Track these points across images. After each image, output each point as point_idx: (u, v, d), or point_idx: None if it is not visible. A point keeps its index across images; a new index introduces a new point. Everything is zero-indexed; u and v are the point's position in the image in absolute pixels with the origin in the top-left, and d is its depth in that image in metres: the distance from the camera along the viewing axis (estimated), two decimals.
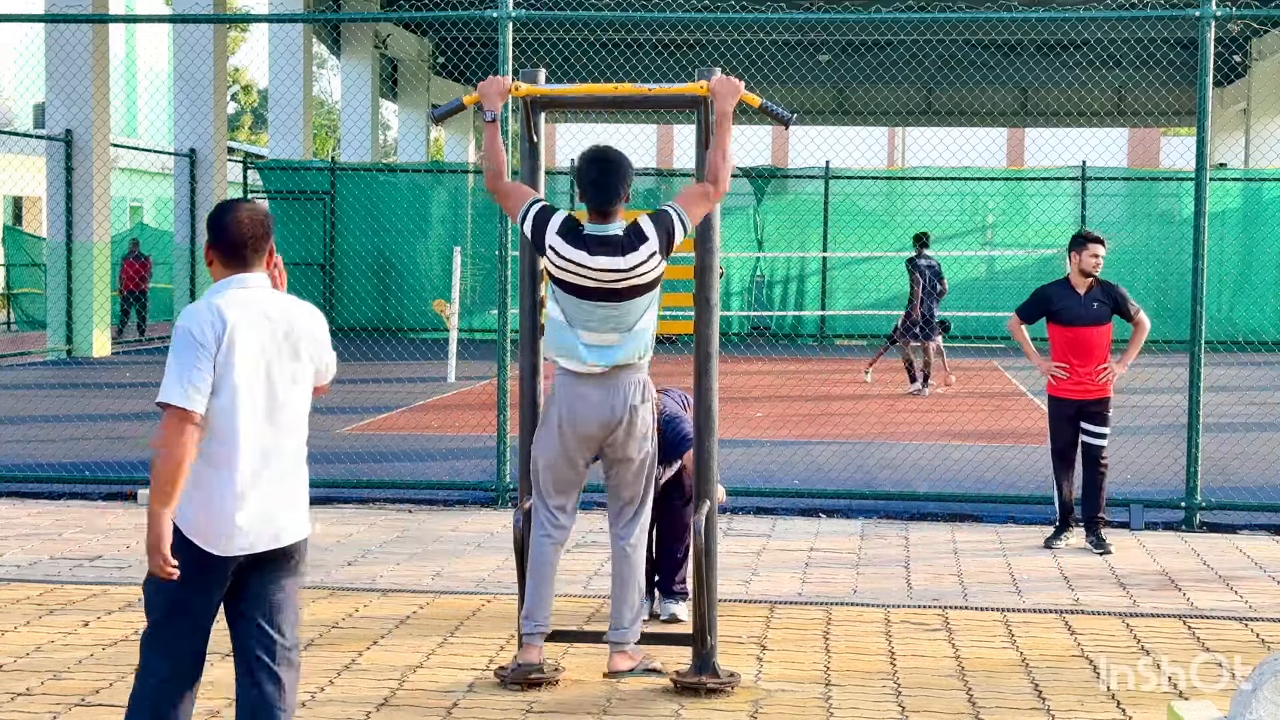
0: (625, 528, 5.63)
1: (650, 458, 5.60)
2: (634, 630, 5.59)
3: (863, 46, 32.66)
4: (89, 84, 20.68)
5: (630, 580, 5.59)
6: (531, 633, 5.56)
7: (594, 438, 5.48)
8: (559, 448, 5.50)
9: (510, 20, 9.22)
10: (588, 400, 5.42)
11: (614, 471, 5.59)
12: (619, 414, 5.43)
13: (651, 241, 5.36)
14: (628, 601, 5.58)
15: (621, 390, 5.43)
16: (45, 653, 6.04)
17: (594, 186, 5.42)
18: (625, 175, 5.45)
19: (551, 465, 5.54)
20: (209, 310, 4.06)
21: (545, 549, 5.59)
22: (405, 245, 25.86)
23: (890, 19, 9.81)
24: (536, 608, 5.57)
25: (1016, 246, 25.13)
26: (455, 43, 32.89)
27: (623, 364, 5.41)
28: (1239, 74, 33.06)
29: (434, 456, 11.31)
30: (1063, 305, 8.44)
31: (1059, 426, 8.48)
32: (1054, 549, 8.37)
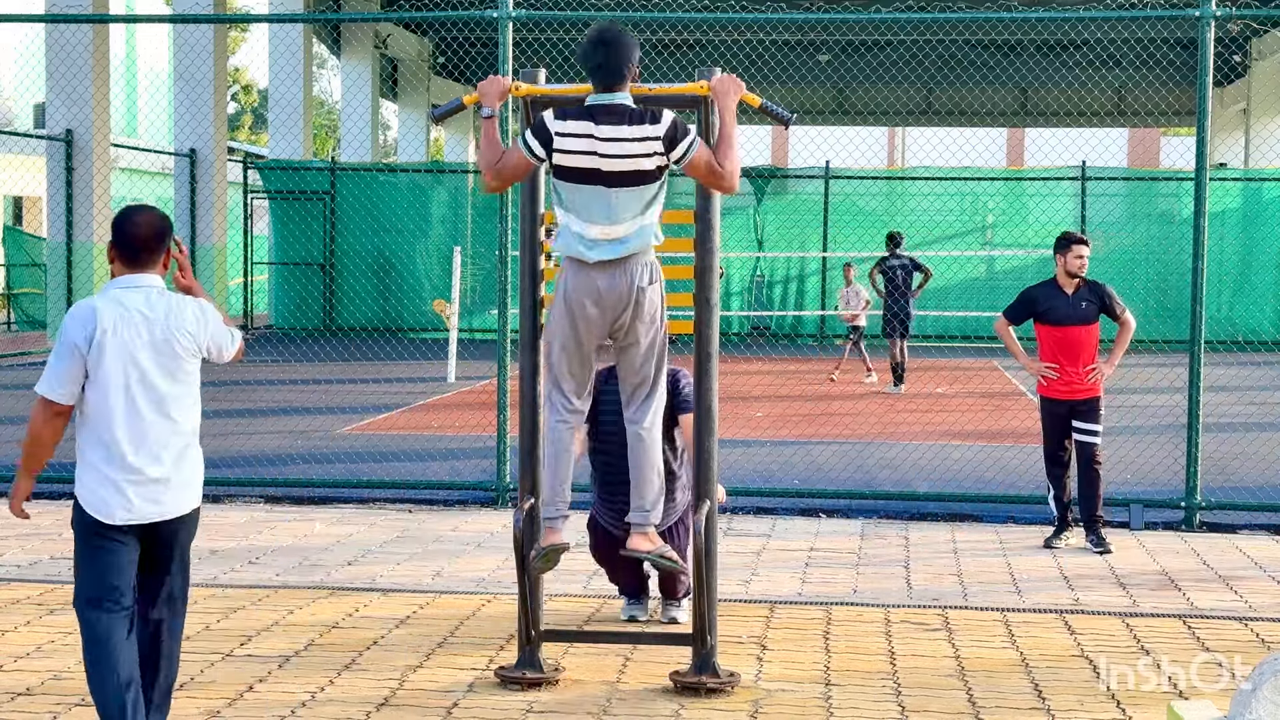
0: (638, 411, 5.62)
1: (659, 340, 5.57)
2: (655, 513, 5.60)
3: (863, 46, 32.67)
4: (89, 84, 20.68)
5: (647, 463, 5.60)
6: (553, 517, 5.58)
7: (601, 319, 5.46)
8: (569, 329, 5.49)
9: (510, 20, 9.22)
10: (594, 282, 5.40)
11: (623, 356, 5.58)
12: (626, 296, 5.41)
13: (662, 126, 5.32)
14: (647, 482, 5.60)
15: (628, 272, 5.41)
16: (45, 653, 6.04)
17: (599, 69, 5.39)
18: (631, 53, 5.41)
19: (561, 350, 5.54)
20: (87, 312, 4.68)
21: (561, 433, 5.61)
22: (405, 245, 25.87)
23: (890, 19, 9.81)
24: (556, 493, 5.60)
25: (1016, 246, 25.13)
26: (455, 43, 32.89)
27: (631, 253, 5.40)
28: (1239, 74, 33.07)
29: (434, 456, 11.31)
30: (1050, 306, 8.47)
31: (1050, 427, 8.51)
32: (1054, 549, 8.38)
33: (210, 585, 7.30)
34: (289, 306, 25.96)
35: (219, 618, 6.63)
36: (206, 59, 23.64)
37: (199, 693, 5.52)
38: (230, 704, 5.40)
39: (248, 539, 8.50)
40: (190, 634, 6.33)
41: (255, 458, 11.32)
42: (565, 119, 5.39)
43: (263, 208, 28.05)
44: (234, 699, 5.46)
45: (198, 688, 5.58)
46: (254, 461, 11.10)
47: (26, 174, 29.03)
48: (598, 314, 5.44)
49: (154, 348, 4.69)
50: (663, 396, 5.71)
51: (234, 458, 11.30)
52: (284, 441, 12.47)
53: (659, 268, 5.53)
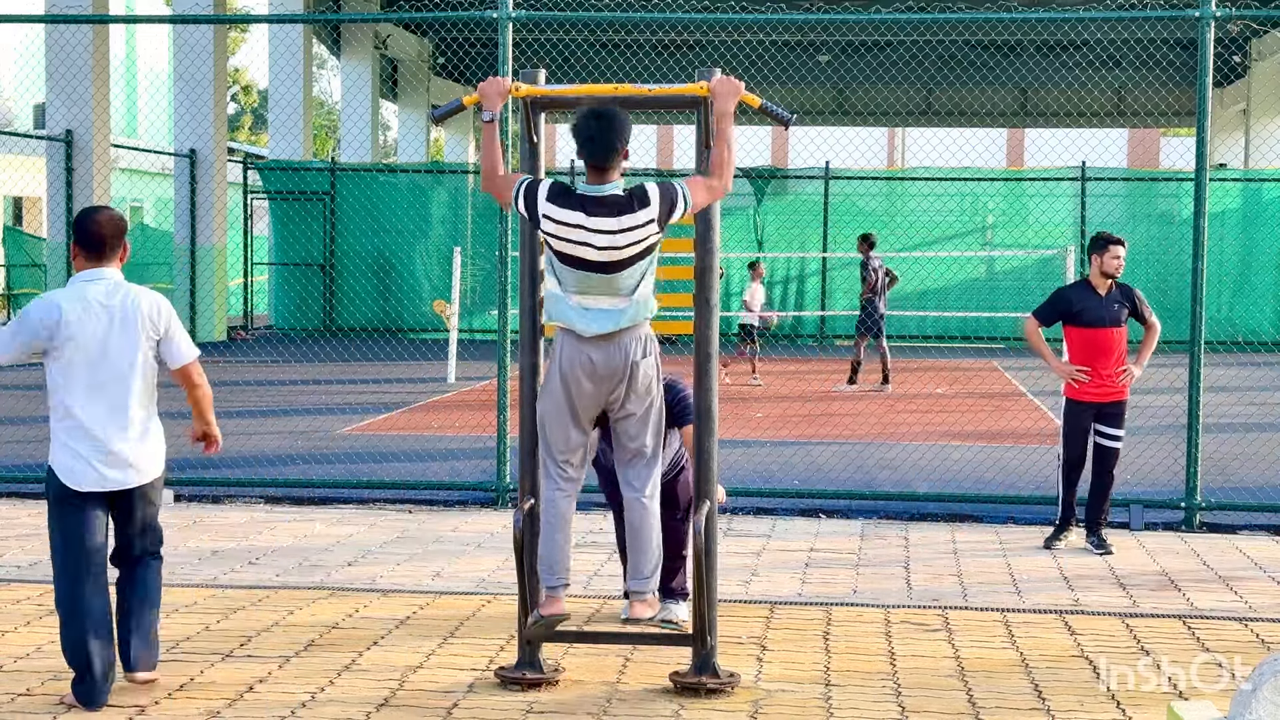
0: (637, 479, 5.61)
1: (656, 410, 5.57)
2: (653, 580, 5.59)
3: (863, 46, 32.67)
4: (89, 84, 20.69)
5: (646, 530, 5.58)
6: (554, 585, 5.57)
7: (596, 395, 5.46)
8: (564, 406, 5.49)
9: (510, 20, 9.22)
10: (589, 358, 5.41)
11: (619, 426, 5.57)
12: (620, 371, 5.41)
13: (653, 207, 5.34)
14: (646, 551, 5.58)
15: (623, 348, 5.41)
16: (45, 653, 6.03)
17: (591, 143, 5.38)
18: (623, 131, 5.40)
19: (556, 423, 5.53)
20: (50, 305, 5.33)
21: (558, 502, 5.59)
22: (405, 245, 25.87)
23: (890, 19, 9.81)
24: (556, 561, 5.57)
25: (1016, 247, 25.13)
26: (455, 43, 32.89)
27: (625, 327, 5.40)
28: (1239, 74, 33.07)
29: (434, 456, 11.31)
30: (1084, 307, 8.38)
31: (1077, 429, 8.39)
32: (1053, 549, 8.37)
33: (210, 585, 7.30)
34: (289, 307, 25.96)
35: (219, 618, 6.63)
36: (206, 59, 23.64)
37: (199, 693, 5.52)
38: (230, 704, 5.40)
39: (248, 539, 8.50)
40: (190, 634, 6.34)
41: (255, 458, 11.32)
42: (556, 203, 5.36)
43: (263, 208, 28.05)
44: (234, 699, 5.46)
45: (198, 688, 5.58)
46: (254, 461, 11.09)
47: (26, 174, 29.03)
48: (592, 388, 5.43)
49: (113, 333, 5.31)
50: (660, 468, 5.68)
51: (234, 458, 11.29)
52: (284, 441, 12.47)
53: (654, 340, 5.54)
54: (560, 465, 5.59)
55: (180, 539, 8.46)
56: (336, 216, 25.82)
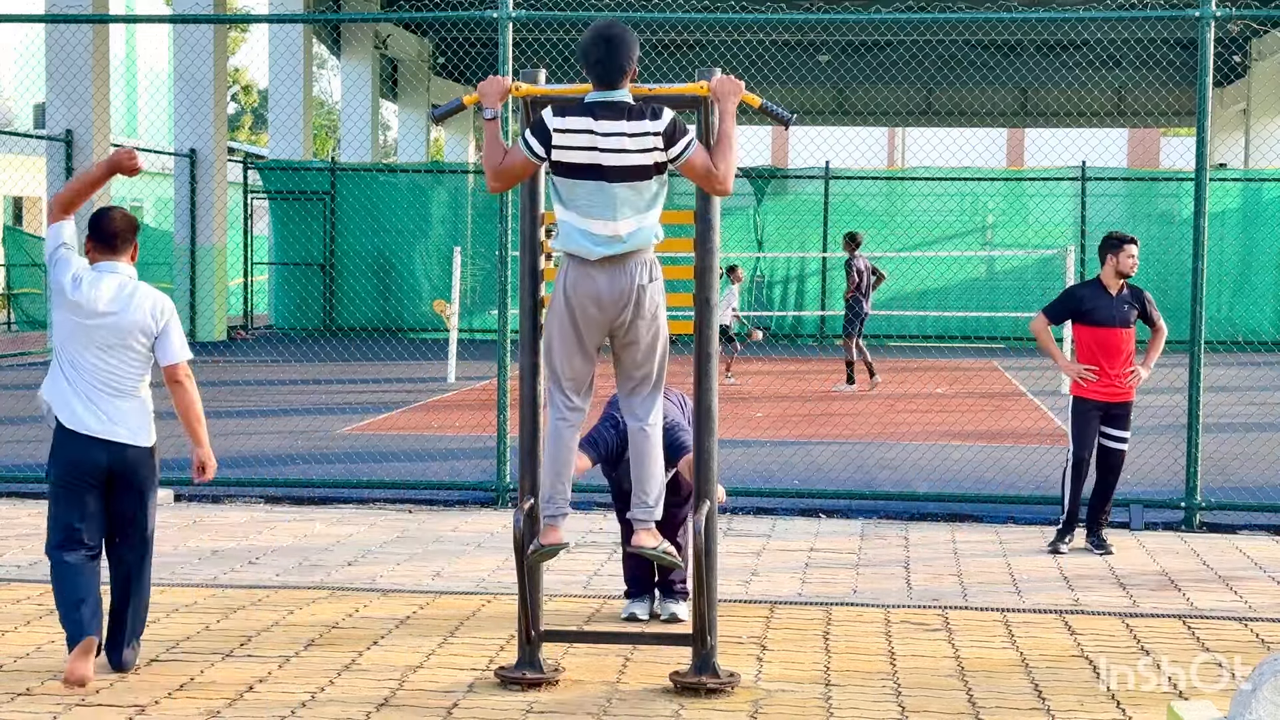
0: (641, 407, 5.60)
1: (660, 336, 5.55)
2: (657, 509, 5.58)
3: (863, 46, 32.66)
4: (89, 84, 20.68)
5: (651, 458, 5.58)
6: (554, 515, 5.56)
7: (602, 318, 5.44)
8: (569, 327, 5.48)
9: (510, 20, 9.23)
10: (594, 281, 5.39)
11: (624, 354, 5.55)
12: (626, 294, 5.40)
13: (661, 122, 5.32)
14: (651, 477, 5.58)
15: (628, 271, 5.40)
16: (45, 653, 6.03)
17: (599, 65, 5.36)
18: (631, 50, 5.38)
19: (562, 349, 5.52)
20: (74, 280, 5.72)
21: (561, 432, 5.59)
22: (405, 245, 25.87)
23: (890, 19, 9.81)
24: (556, 490, 5.57)
25: (1016, 247, 25.12)
26: (455, 43, 32.88)
27: (632, 250, 5.39)
28: (1239, 74, 33.07)
29: (434, 456, 11.31)
30: (1095, 306, 8.36)
31: (1085, 429, 8.34)
32: (1060, 553, 8.28)
33: (210, 585, 7.30)
34: (289, 307, 25.96)
35: (219, 618, 6.63)
36: (206, 59, 23.63)
37: (199, 693, 5.52)
38: (230, 704, 5.40)
39: (248, 539, 8.50)
40: (190, 634, 6.34)
41: (255, 458, 11.31)
42: (564, 115, 5.38)
43: (263, 208, 28.05)
44: (234, 699, 5.46)
45: (198, 688, 5.58)
46: (254, 461, 11.09)
47: (26, 174, 29.02)
48: (598, 312, 5.42)
49: (114, 318, 5.68)
50: (662, 392, 5.69)
51: (234, 458, 11.29)
52: (284, 441, 12.47)
53: (659, 266, 5.52)
54: (565, 394, 5.58)
55: (180, 539, 8.46)
56: (336, 216, 25.82)
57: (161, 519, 9.00)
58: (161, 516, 9.08)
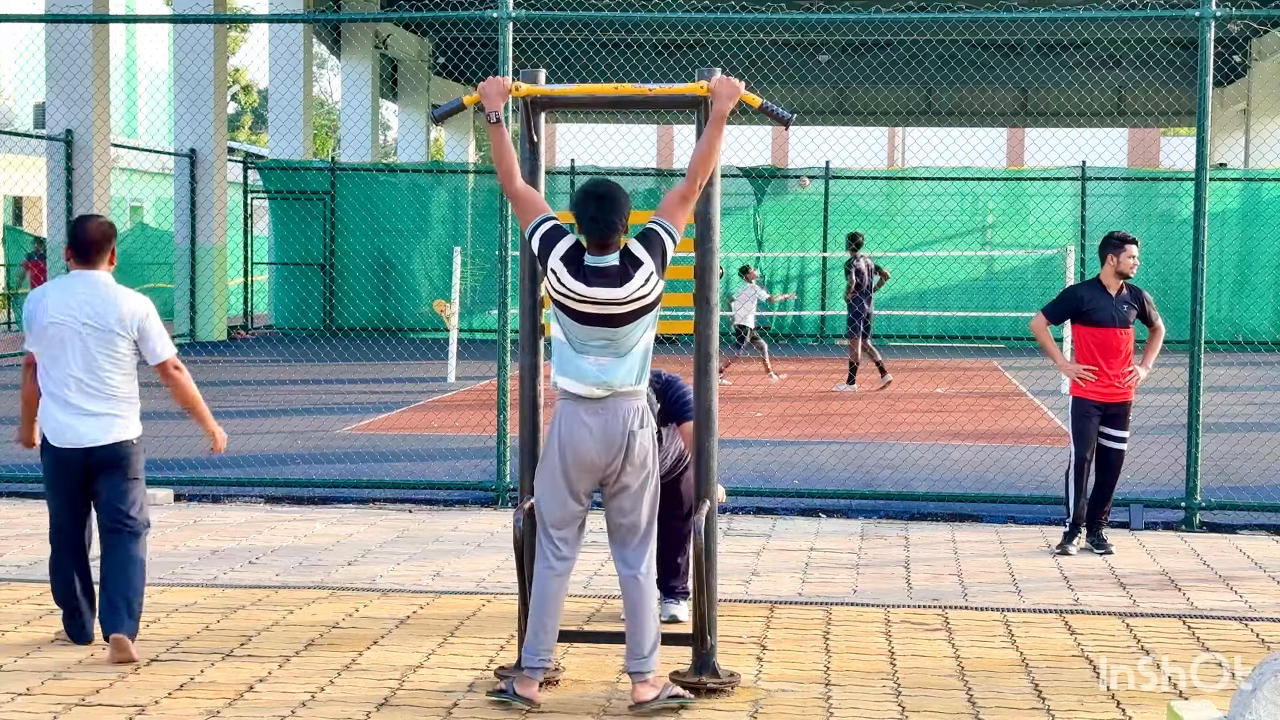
0: (633, 555, 5.53)
1: (652, 485, 5.53)
2: (653, 659, 5.47)
3: (863, 46, 32.67)
4: (89, 84, 20.67)
5: (644, 608, 5.48)
6: (534, 667, 5.46)
7: (594, 466, 5.42)
8: (560, 477, 5.46)
9: (510, 20, 9.22)
10: (587, 427, 5.39)
11: (614, 502, 5.51)
12: (618, 441, 5.39)
13: (647, 265, 5.37)
14: (645, 630, 5.47)
15: (620, 416, 5.41)
16: (45, 653, 6.04)
17: (593, 222, 5.39)
18: (623, 210, 5.42)
19: (552, 496, 5.49)
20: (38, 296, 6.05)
21: (547, 581, 5.51)
22: (405, 245, 25.86)
23: (890, 19, 9.81)
24: (539, 641, 5.47)
25: (1016, 246, 25.12)
26: (455, 43, 32.90)
27: (620, 388, 5.39)
28: (1239, 74, 33.07)
29: (434, 456, 11.31)
30: (1094, 306, 8.35)
31: (1085, 429, 8.32)
32: (1068, 554, 8.25)
33: (210, 585, 7.30)
34: (289, 306, 25.96)
35: (219, 618, 6.64)
36: (206, 59, 23.63)
37: (199, 693, 5.52)
38: (230, 704, 5.40)
39: (248, 539, 8.50)
40: (190, 634, 6.34)
41: (255, 458, 11.32)
42: (565, 264, 5.37)
43: (263, 208, 28.05)
44: (234, 699, 5.46)
45: (198, 688, 5.58)
46: (254, 461, 11.10)
47: (26, 174, 29.04)
48: (590, 456, 5.40)
49: (92, 325, 5.95)
50: (655, 541, 5.61)
51: (234, 458, 11.29)
52: (284, 441, 12.47)
53: (650, 415, 5.53)
54: (555, 543, 5.52)
55: (180, 539, 8.46)
56: (336, 216, 25.82)
57: (161, 519, 9.02)
58: (161, 516, 9.10)
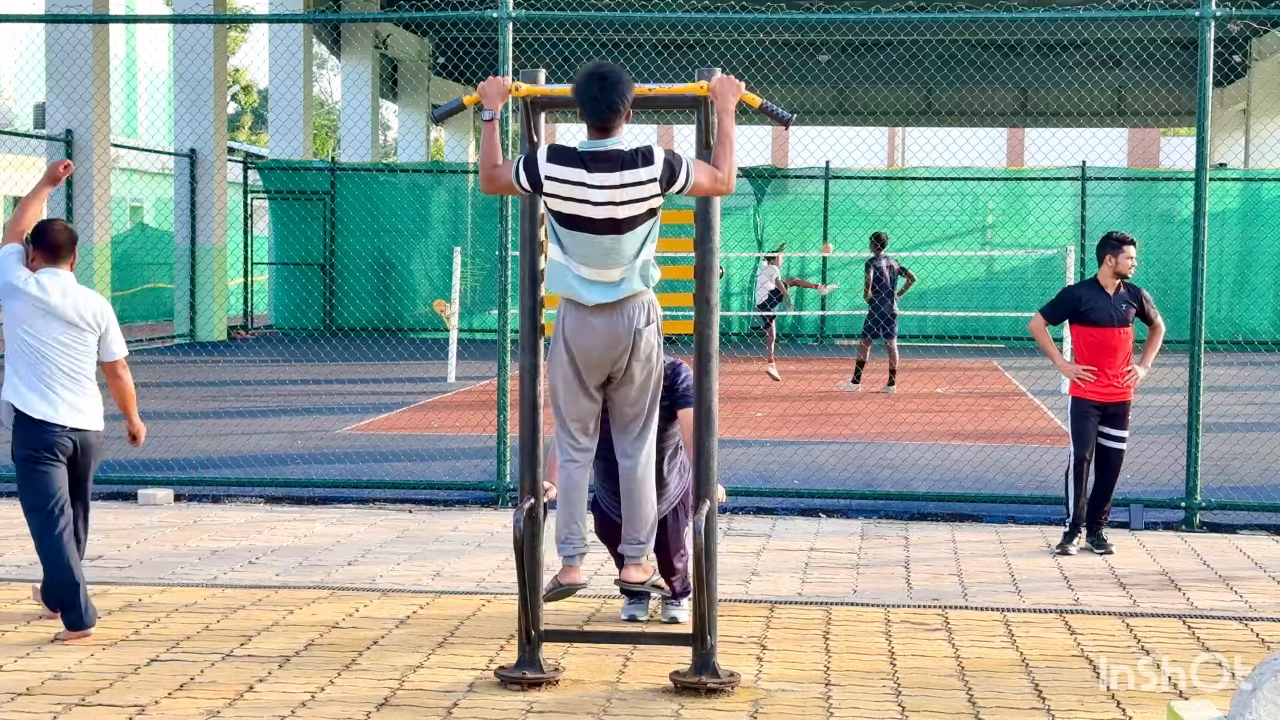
0: (632, 446, 5.67)
1: (654, 376, 5.61)
2: (648, 545, 5.70)
3: (863, 46, 32.66)
4: (89, 84, 20.68)
5: (641, 497, 5.66)
6: (571, 555, 5.66)
7: (601, 361, 5.51)
8: (570, 370, 5.55)
9: (510, 20, 9.22)
10: (592, 327, 5.44)
11: (619, 392, 5.61)
12: (624, 339, 5.45)
13: (656, 166, 5.34)
14: (640, 515, 5.67)
15: (626, 314, 5.45)
16: (45, 653, 6.04)
17: (594, 102, 5.36)
18: (625, 91, 5.39)
19: (566, 391, 5.59)
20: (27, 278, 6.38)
21: (572, 473, 5.67)
22: (405, 245, 25.87)
23: (890, 19, 9.81)
24: (572, 531, 5.66)
25: (1016, 246, 25.12)
26: (455, 43, 32.89)
27: (627, 295, 5.42)
28: (1239, 74, 33.07)
29: (434, 456, 11.31)
30: (1092, 306, 8.35)
31: (1084, 429, 8.33)
32: (1069, 554, 8.26)
33: (210, 585, 7.30)
34: (289, 306, 25.96)
35: (219, 618, 6.64)
36: (206, 59, 23.63)
37: (199, 692, 5.52)
38: (230, 704, 5.40)
39: (248, 539, 8.50)
40: (190, 633, 6.35)
41: (255, 458, 11.32)
42: (557, 162, 5.37)
43: (263, 208, 28.05)
44: (234, 699, 5.46)
45: (198, 688, 5.58)
46: (254, 461, 11.10)
47: (26, 174, 28.97)
48: (597, 355, 5.49)
49: (63, 317, 6.35)
50: (654, 432, 5.74)
51: (234, 458, 11.30)
52: (284, 441, 12.47)
53: (656, 307, 5.56)
54: (572, 435, 5.66)
55: (180, 539, 8.46)
56: (336, 216, 25.82)
57: (161, 519, 9.03)
58: (161, 516, 9.11)
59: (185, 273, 23.94)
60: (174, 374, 18.84)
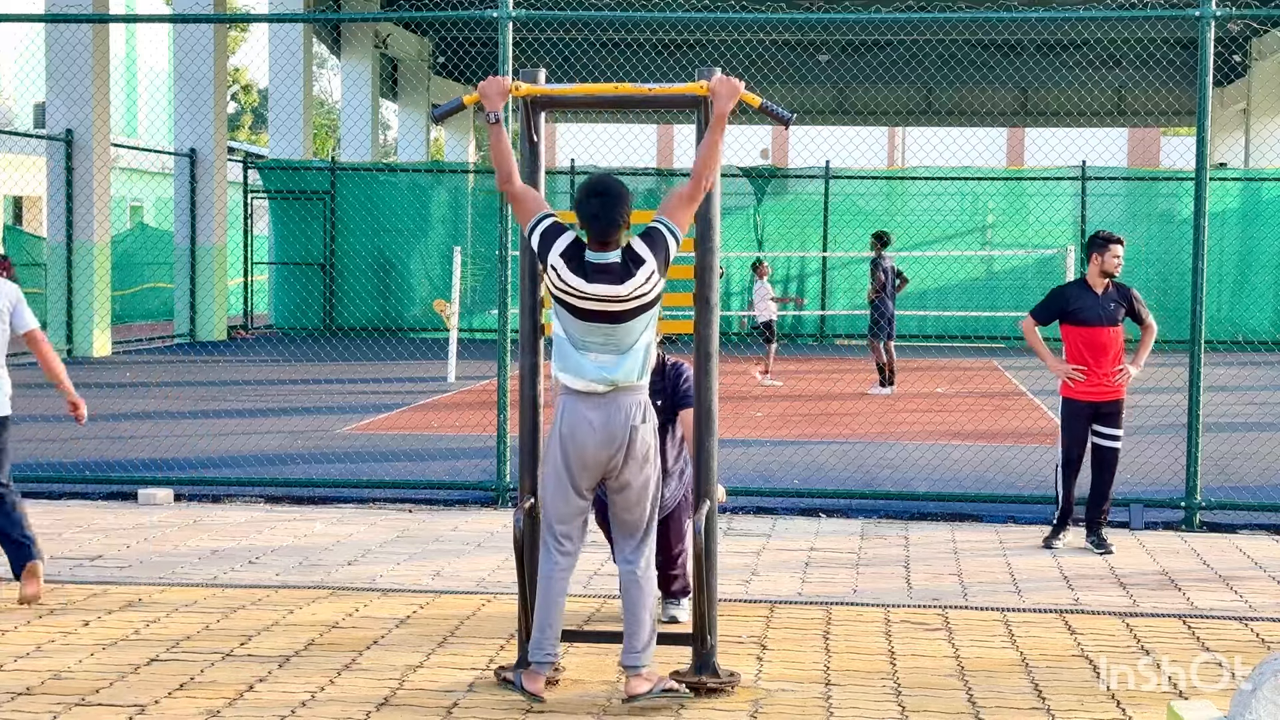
0: (633, 553, 5.57)
1: (653, 482, 5.55)
2: (647, 654, 5.51)
3: (863, 46, 32.67)
4: (89, 84, 20.68)
5: (641, 605, 5.52)
6: (540, 662, 5.49)
7: (596, 461, 5.45)
8: (564, 472, 5.48)
9: (510, 20, 9.22)
10: (589, 422, 5.41)
11: (618, 496, 5.54)
12: (619, 436, 5.41)
13: (649, 264, 5.37)
14: (641, 625, 5.51)
15: (622, 411, 5.42)
16: (45, 653, 6.04)
17: (594, 219, 5.39)
18: (625, 206, 5.42)
19: (556, 491, 5.51)
20: None
21: (553, 578, 5.54)
22: (405, 245, 25.88)
23: (890, 19, 9.80)
24: (544, 637, 5.51)
25: (1016, 246, 25.13)
26: (455, 43, 32.91)
27: (622, 383, 5.40)
28: (1239, 74, 33.08)
29: (434, 456, 11.31)
30: (1080, 305, 8.38)
31: (1073, 429, 8.39)
32: (1054, 549, 8.37)
33: (210, 585, 7.30)
34: (289, 306, 25.97)
35: (219, 618, 6.64)
36: (206, 59, 23.64)
37: (199, 692, 5.52)
38: (230, 704, 5.40)
39: (248, 539, 8.50)
40: (190, 633, 6.35)
41: (255, 458, 11.32)
42: (565, 260, 5.37)
43: (263, 208, 28.06)
44: (234, 699, 5.46)
45: (198, 688, 5.58)
46: (254, 461, 11.10)
47: (26, 174, 29.03)
48: (592, 452, 5.42)
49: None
50: (655, 538, 5.64)
51: (234, 458, 11.30)
52: (284, 441, 12.47)
53: (651, 409, 5.54)
54: (559, 538, 5.55)
55: (180, 538, 8.47)
56: (336, 216, 25.83)
57: (161, 519, 9.03)
58: (161, 516, 9.12)
59: (185, 272, 23.94)
60: (174, 374, 18.85)
